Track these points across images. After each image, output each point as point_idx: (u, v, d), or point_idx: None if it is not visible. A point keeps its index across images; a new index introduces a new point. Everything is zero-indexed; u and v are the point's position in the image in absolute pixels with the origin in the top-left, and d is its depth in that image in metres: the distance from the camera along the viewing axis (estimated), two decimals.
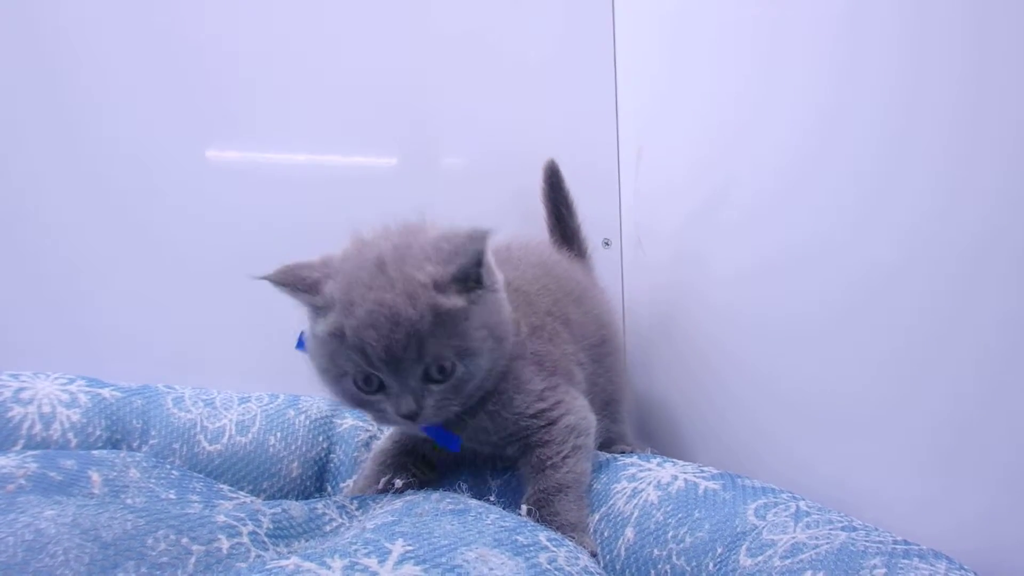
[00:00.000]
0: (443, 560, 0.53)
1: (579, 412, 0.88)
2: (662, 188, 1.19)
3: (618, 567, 0.77)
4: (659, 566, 0.74)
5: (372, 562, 0.51)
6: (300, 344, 0.82)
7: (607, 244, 1.29)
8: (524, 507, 0.79)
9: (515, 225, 1.21)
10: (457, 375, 0.75)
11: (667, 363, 1.19)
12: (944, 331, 0.68)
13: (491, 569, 0.53)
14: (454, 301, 0.73)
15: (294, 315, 1.12)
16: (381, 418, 0.79)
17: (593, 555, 0.77)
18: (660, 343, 1.21)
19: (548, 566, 0.57)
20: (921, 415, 0.71)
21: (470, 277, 0.76)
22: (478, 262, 0.76)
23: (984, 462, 0.64)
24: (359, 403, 0.78)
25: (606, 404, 0.98)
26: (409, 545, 0.54)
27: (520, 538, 0.61)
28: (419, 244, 0.78)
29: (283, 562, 0.50)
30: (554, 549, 0.61)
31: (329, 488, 0.96)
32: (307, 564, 0.50)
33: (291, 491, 0.93)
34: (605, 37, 1.30)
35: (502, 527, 0.63)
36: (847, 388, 0.80)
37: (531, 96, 1.29)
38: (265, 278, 0.76)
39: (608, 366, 1.01)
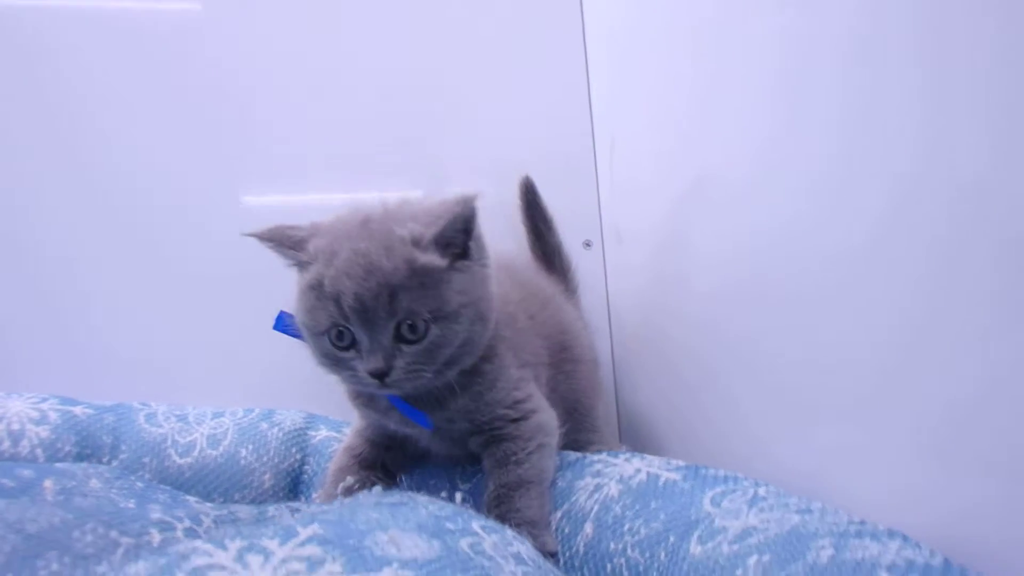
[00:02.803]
0: (350, 542, 0.52)
1: (547, 411, 0.88)
2: (636, 182, 1.18)
3: (577, 563, 0.75)
4: (615, 560, 0.72)
5: (272, 544, 0.50)
6: (278, 323, 0.83)
7: (588, 245, 1.29)
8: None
9: (498, 236, 1.21)
10: (430, 338, 0.74)
11: (652, 361, 1.17)
12: (925, 319, 0.65)
13: (399, 551, 0.52)
14: (432, 259, 0.73)
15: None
16: (353, 379, 0.77)
17: (552, 555, 0.75)
18: (644, 341, 1.19)
19: (467, 550, 0.55)
20: (906, 406, 0.68)
21: (455, 243, 0.76)
22: (464, 229, 0.76)
23: (970, 454, 0.61)
24: (335, 362, 0.77)
25: (567, 413, 0.96)
26: (321, 529, 0.53)
27: (450, 524, 0.59)
28: (412, 209, 0.79)
29: (179, 546, 0.50)
30: (484, 535, 0.59)
31: (303, 499, 0.95)
32: (205, 546, 0.49)
33: (264, 502, 0.93)
34: (575, 41, 1.31)
35: (435, 516, 0.61)
36: (830, 379, 0.78)
37: (506, 104, 1.30)
38: (253, 235, 0.78)
39: (569, 373, 1.00)
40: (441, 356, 0.75)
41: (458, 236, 0.76)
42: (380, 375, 0.73)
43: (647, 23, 1.13)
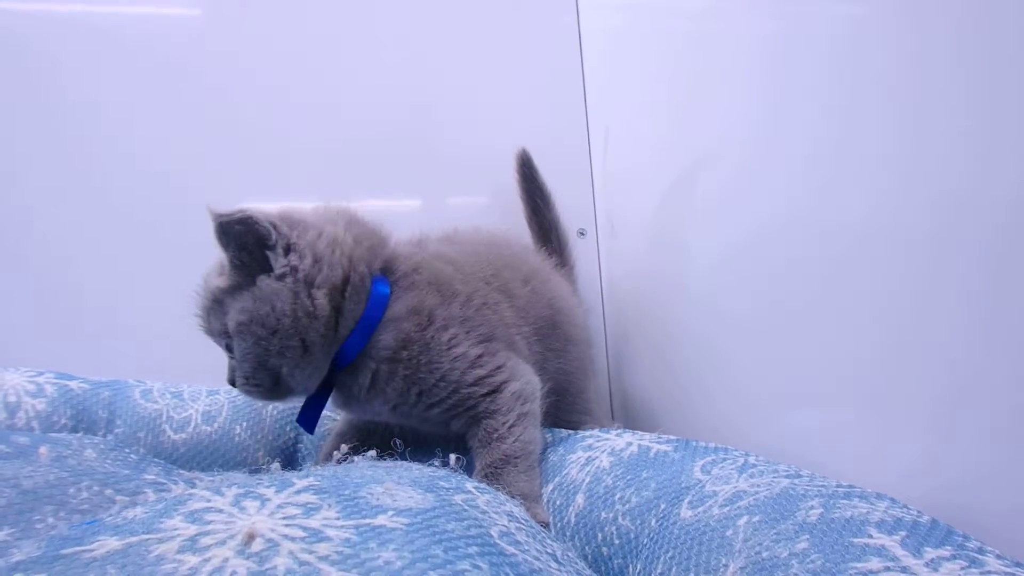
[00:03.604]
0: (346, 492, 0.52)
1: (523, 376, 0.87)
2: (630, 173, 1.19)
3: (568, 534, 0.75)
4: (605, 528, 0.72)
5: (269, 491, 0.51)
6: None
7: (582, 234, 1.30)
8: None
9: (495, 223, 1.23)
10: (236, 354, 0.81)
11: (645, 347, 1.18)
12: (918, 301, 0.65)
13: (394, 500, 0.52)
14: (217, 282, 0.80)
15: None
16: None
17: (545, 525, 0.76)
18: (637, 327, 1.20)
19: (461, 503, 0.56)
20: (899, 385, 0.69)
21: (243, 261, 0.79)
22: (239, 245, 0.78)
23: (964, 430, 0.62)
24: None
25: (559, 393, 0.96)
26: (316, 481, 0.54)
27: (443, 483, 0.60)
28: None
29: (179, 491, 0.50)
30: (477, 494, 0.60)
31: None
32: (202, 492, 0.50)
33: None
34: (570, 32, 1.33)
35: (430, 475, 0.62)
36: (823, 362, 0.79)
37: (500, 94, 1.31)
38: None
39: (559, 352, 0.99)
40: (251, 369, 0.80)
41: (240, 253, 0.79)
42: (230, 383, 0.84)
43: (641, 16, 1.14)
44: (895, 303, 0.68)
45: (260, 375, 0.80)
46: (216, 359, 1.13)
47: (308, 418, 0.86)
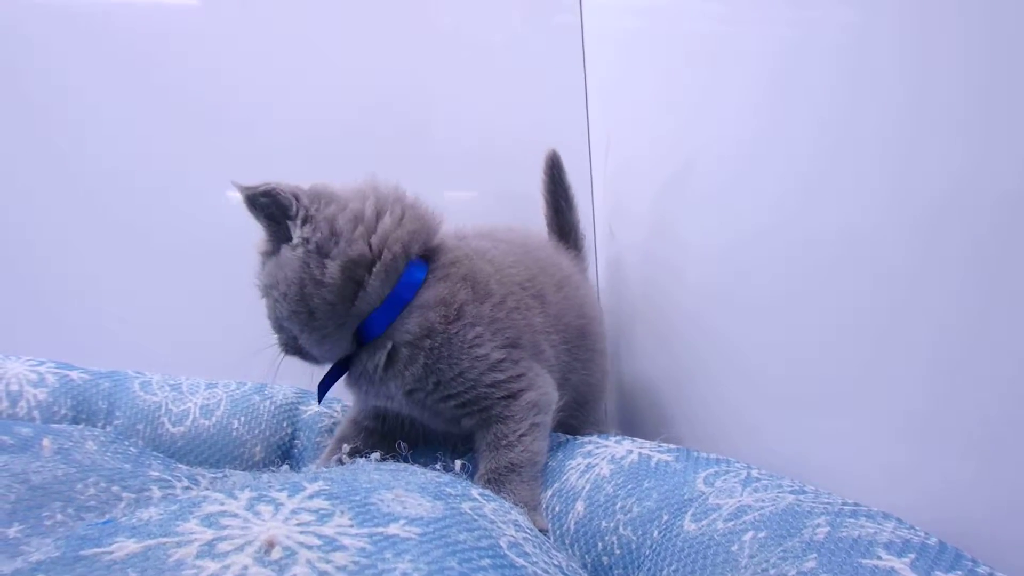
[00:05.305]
0: (356, 498, 0.52)
1: (541, 388, 0.86)
2: (630, 180, 1.20)
3: (567, 541, 0.76)
4: (606, 538, 0.72)
5: (281, 495, 0.51)
6: None
7: None
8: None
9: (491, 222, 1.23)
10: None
11: (641, 352, 1.18)
12: (906, 301, 0.66)
13: (404, 508, 0.52)
14: (261, 246, 0.87)
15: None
16: None
17: (544, 532, 0.76)
18: (634, 333, 1.20)
19: (469, 512, 0.56)
20: (887, 385, 0.69)
21: (273, 229, 0.84)
22: (265, 215, 0.83)
23: (950, 433, 0.62)
24: None
25: (579, 405, 0.96)
26: (326, 486, 0.54)
27: (449, 489, 0.60)
28: None
29: (192, 493, 0.50)
30: (483, 502, 0.60)
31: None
32: (215, 495, 0.50)
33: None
34: (573, 40, 1.33)
35: (436, 481, 0.62)
36: (814, 367, 0.79)
37: (501, 94, 1.31)
38: None
39: (585, 362, 0.99)
40: (273, 327, 0.88)
41: (271, 224, 0.84)
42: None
43: (645, 19, 1.15)
44: (877, 307, 0.69)
45: (280, 335, 0.88)
46: (213, 353, 1.14)
47: (323, 387, 0.90)
